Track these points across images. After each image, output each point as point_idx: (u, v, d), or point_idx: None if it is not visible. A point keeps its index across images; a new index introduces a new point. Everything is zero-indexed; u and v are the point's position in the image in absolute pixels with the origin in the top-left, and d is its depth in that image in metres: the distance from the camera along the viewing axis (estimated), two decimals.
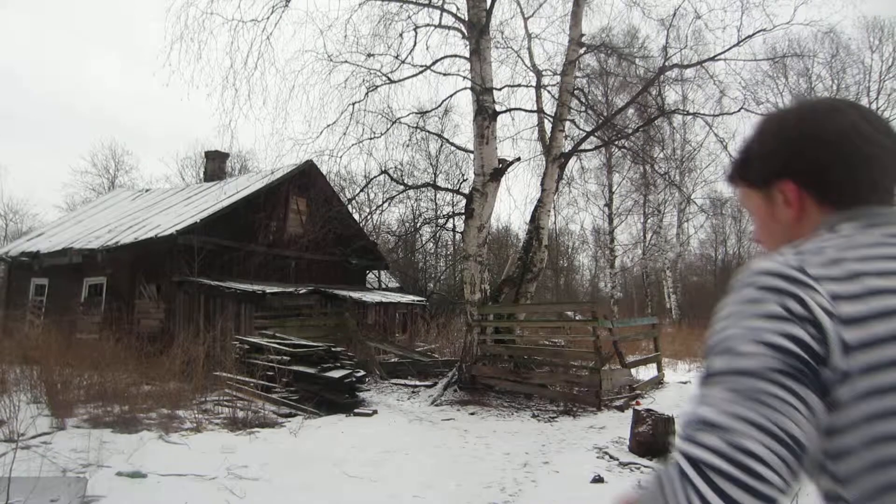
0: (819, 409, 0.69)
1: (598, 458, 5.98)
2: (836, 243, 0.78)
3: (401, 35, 11.06)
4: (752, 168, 0.93)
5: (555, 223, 24.06)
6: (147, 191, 20.17)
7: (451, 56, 11.26)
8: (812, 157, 0.86)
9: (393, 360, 12.92)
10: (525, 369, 9.83)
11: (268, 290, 12.08)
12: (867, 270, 0.74)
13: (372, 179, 13.75)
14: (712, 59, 10.99)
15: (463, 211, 10.94)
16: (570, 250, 35.65)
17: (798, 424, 0.67)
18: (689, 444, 0.68)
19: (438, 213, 25.13)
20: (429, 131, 13.48)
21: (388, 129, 11.37)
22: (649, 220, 26.23)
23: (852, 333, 0.70)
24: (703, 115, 11.58)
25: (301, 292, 13.00)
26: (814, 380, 0.69)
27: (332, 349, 9.05)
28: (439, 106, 12.48)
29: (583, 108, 11.98)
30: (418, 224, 22.35)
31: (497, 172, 10.24)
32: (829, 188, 0.85)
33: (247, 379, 8.29)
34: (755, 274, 0.77)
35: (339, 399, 8.29)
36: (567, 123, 11.22)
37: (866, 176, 0.84)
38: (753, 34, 10.73)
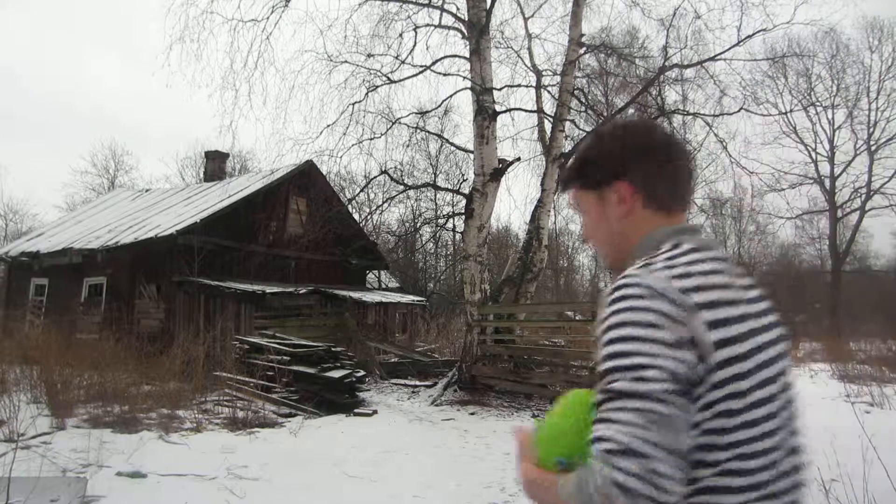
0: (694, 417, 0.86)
1: None
2: (696, 268, 0.93)
3: (401, 35, 11.08)
4: (590, 171, 1.09)
5: (555, 223, 23.90)
6: (147, 191, 20.16)
7: (451, 56, 11.27)
8: (644, 162, 1.04)
9: (393, 360, 12.93)
10: (525, 369, 9.83)
11: (268, 290, 12.08)
12: (720, 300, 0.91)
13: (372, 179, 13.77)
14: (712, 59, 10.99)
15: (463, 211, 10.94)
16: (570, 250, 35.67)
17: (688, 436, 0.84)
18: (612, 470, 0.80)
19: (438, 213, 25.15)
20: (429, 131, 13.49)
21: (388, 130, 11.39)
22: None
23: (718, 355, 0.87)
24: (703, 115, 11.58)
25: (301, 292, 13.01)
26: (693, 393, 0.86)
27: (332, 349, 9.06)
28: (439, 106, 12.48)
29: (583, 108, 11.99)
30: (418, 224, 22.39)
31: (497, 172, 10.24)
32: (655, 190, 1.04)
33: (247, 379, 8.29)
34: (645, 291, 0.89)
35: (339, 399, 8.29)
36: (567, 123, 11.22)
37: (680, 183, 1.06)
38: (753, 34, 10.74)
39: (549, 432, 1.00)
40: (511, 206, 34.72)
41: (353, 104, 10.66)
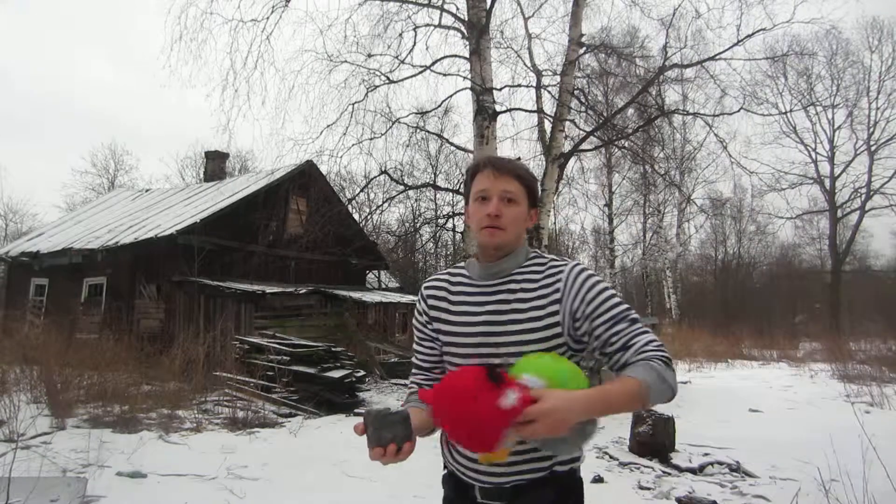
0: None
1: (597, 457, 5.98)
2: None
3: (400, 35, 11.04)
4: (536, 191, 1.67)
5: (555, 223, 24.05)
6: (147, 191, 20.15)
7: (451, 56, 11.23)
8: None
9: (393, 360, 12.92)
10: None
11: (268, 290, 12.08)
12: None
13: (372, 179, 13.71)
14: (712, 58, 10.96)
15: (463, 211, 10.92)
16: (570, 250, 35.60)
17: None
18: (665, 353, 1.41)
19: (438, 213, 25.12)
20: (429, 131, 13.45)
21: (387, 130, 11.35)
22: (649, 220, 26.23)
23: None
24: (703, 115, 11.55)
25: (301, 292, 13.00)
26: None
27: (332, 349, 9.06)
28: (439, 106, 12.43)
29: (583, 108, 11.95)
30: (418, 224, 22.35)
31: None
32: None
33: (247, 379, 8.29)
34: (595, 272, 1.58)
35: (339, 399, 8.29)
36: (567, 123, 11.20)
37: None
38: (753, 33, 10.70)
39: (569, 373, 1.37)
40: None
41: (353, 104, 10.63)
